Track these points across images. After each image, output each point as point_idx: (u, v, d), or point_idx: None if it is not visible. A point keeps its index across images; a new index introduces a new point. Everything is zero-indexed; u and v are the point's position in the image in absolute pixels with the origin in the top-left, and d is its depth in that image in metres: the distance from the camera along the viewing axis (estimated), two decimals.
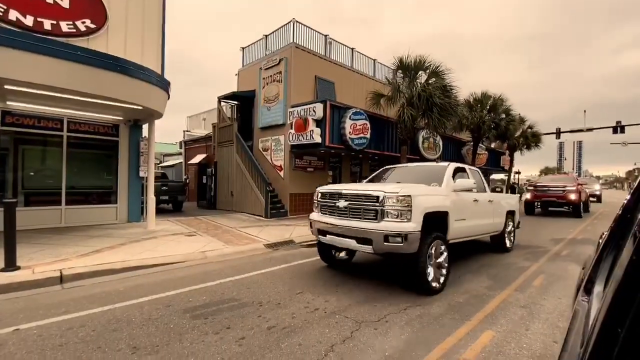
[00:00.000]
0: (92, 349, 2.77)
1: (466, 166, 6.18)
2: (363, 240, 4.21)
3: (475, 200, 5.59)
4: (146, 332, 3.10)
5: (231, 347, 2.84)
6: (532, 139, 24.42)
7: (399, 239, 3.94)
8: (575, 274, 5.13)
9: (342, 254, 5.76)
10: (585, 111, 32.10)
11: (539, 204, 14.93)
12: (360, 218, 4.38)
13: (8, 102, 7.46)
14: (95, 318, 3.42)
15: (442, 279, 4.45)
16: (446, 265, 4.55)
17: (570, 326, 1.03)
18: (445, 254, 4.52)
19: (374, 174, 6.62)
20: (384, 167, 6.79)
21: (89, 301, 3.89)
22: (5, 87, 5.99)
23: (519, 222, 7.83)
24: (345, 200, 4.57)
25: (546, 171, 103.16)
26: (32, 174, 8.40)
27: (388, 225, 4.05)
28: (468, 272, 5.36)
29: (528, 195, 14.90)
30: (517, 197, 7.84)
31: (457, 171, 5.65)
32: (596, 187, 24.85)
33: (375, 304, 3.91)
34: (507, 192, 24.69)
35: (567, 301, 4.08)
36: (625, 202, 1.28)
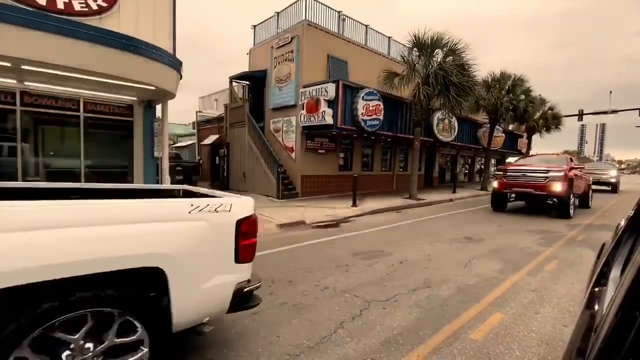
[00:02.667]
0: None
1: None
2: None
3: None
4: None
5: (244, 322, 2.95)
6: (552, 121, 23.53)
7: None
8: (589, 259, 5.05)
9: None
10: (611, 92, 30.60)
11: (513, 196, 10.49)
12: None
13: (26, 83, 7.62)
14: None
15: None
16: None
17: (584, 309, 1.02)
18: None
19: None
20: None
21: None
22: (22, 67, 6.09)
23: (246, 295, 2.28)
24: None
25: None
26: (52, 153, 8.67)
27: None
28: (479, 256, 5.34)
29: (495, 184, 10.52)
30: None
31: None
32: (611, 174, 19.53)
33: (385, 284, 3.97)
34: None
35: (579, 286, 4.04)
36: None
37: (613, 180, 19.47)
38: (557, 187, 9.07)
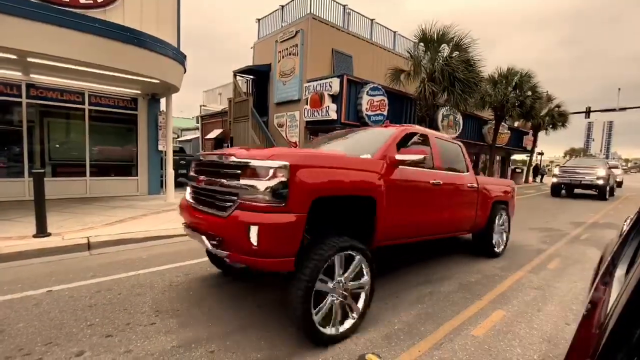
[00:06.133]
0: (119, 310, 2.97)
1: None
2: None
3: None
4: (168, 297, 3.28)
5: (245, 315, 2.97)
6: (558, 119, 23.29)
7: None
8: (593, 258, 5.02)
9: None
10: (619, 89, 30.16)
11: None
12: None
13: (31, 75, 7.65)
14: (121, 283, 3.64)
15: None
16: None
17: (588, 308, 1.01)
18: None
19: None
20: None
21: (115, 267, 4.12)
22: (28, 59, 6.12)
23: None
24: None
25: (572, 152, 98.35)
26: (57, 146, 8.73)
27: None
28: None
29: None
30: None
31: None
32: (598, 173, 13.93)
33: (385, 280, 3.97)
34: (527, 173, 23.55)
35: (582, 284, 4.03)
36: None
37: (600, 182, 13.79)
38: (252, 238, 2.23)
